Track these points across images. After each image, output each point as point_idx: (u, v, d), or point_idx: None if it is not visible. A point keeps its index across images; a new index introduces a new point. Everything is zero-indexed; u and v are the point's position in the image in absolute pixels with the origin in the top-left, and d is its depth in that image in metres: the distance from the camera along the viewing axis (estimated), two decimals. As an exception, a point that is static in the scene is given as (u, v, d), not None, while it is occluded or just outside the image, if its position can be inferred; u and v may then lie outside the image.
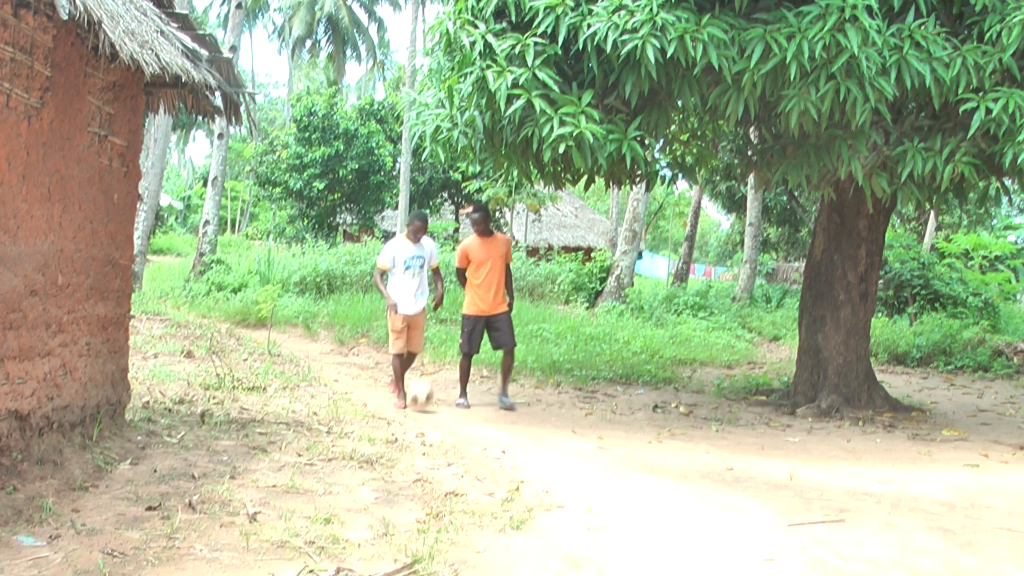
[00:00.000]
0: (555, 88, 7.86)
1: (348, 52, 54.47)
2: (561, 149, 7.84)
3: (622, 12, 7.55)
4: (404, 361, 9.58)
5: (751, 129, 11.25)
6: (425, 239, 9.49)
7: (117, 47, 5.07)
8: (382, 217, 33.04)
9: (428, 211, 32.76)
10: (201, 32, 6.93)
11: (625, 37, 7.49)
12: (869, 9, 7.38)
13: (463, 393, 9.70)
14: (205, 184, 31.37)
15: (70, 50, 5.45)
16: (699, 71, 7.72)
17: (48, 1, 4.75)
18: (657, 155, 10.62)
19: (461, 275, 9.72)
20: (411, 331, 9.43)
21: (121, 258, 6.49)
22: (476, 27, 8.09)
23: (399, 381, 9.47)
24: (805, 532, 5.30)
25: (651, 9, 7.44)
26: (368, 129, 29.93)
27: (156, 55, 5.61)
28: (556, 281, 21.81)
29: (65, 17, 4.48)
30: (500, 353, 9.96)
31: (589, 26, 7.67)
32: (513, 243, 29.10)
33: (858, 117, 7.65)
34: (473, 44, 8.00)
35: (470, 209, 9.75)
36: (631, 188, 19.61)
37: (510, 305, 9.75)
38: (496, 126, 8.61)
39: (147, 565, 3.99)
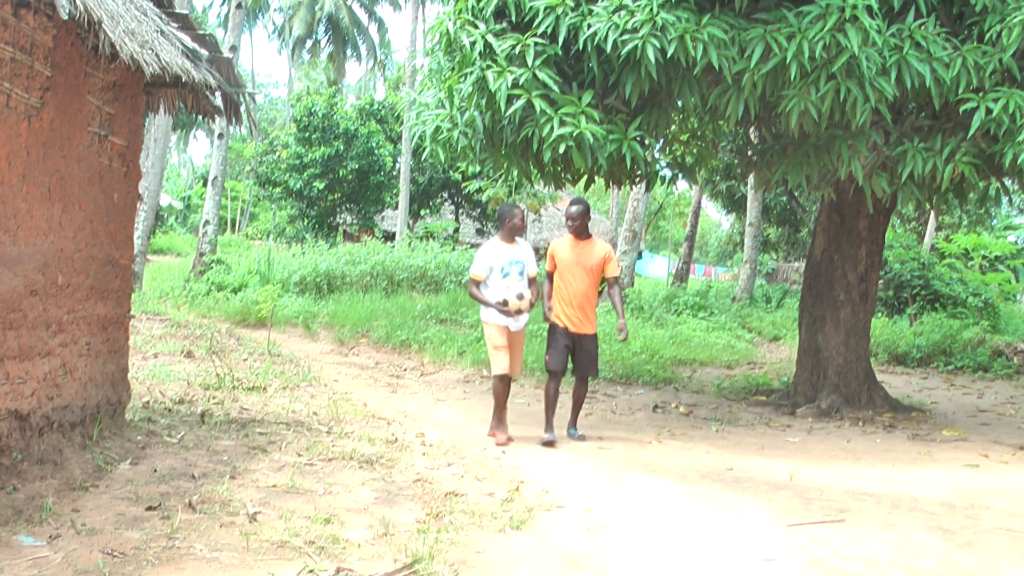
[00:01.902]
0: (555, 88, 7.86)
1: (348, 52, 54.46)
2: (561, 149, 7.85)
3: (622, 12, 7.55)
4: (507, 386, 7.86)
5: (751, 129, 11.25)
6: (522, 241, 7.87)
7: (117, 47, 5.07)
8: (382, 217, 33.06)
9: (428, 211, 32.69)
10: (201, 32, 6.93)
11: (625, 37, 7.49)
12: (869, 9, 7.38)
13: (549, 425, 7.89)
14: (205, 184, 31.38)
15: (70, 50, 5.45)
16: (699, 71, 7.73)
17: (48, 1, 4.75)
18: (657, 155, 10.63)
19: (550, 279, 8.08)
20: (511, 353, 7.74)
21: (121, 258, 6.49)
22: (476, 27, 8.10)
23: (500, 410, 7.83)
24: (805, 532, 5.30)
25: (651, 9, 7.45)
26: (368, 129, 29.95)
27: (156, 55, 5.61)
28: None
29: (65, 17, 4.48)
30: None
31: (589, 26, 7.67)
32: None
33: (858, 117, 7.65)
34: (473, 44, 8.00)
35: (568, 202, 8.06)
36: (631, 188, 19.60)
37: (624, 332, 8.02)
38: (496, 126, 8.62)
39: (147, 565, 3.99)
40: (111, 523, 4.53)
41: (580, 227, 7.94)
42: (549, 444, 7.70)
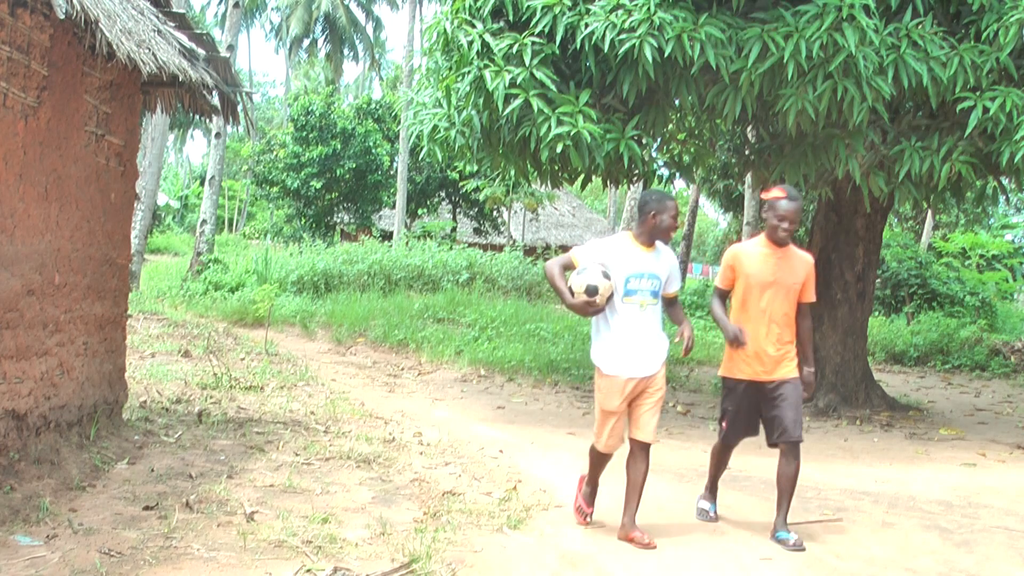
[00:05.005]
0: (553, 87, 7.86)
1: (346, 51, 54.46)
2: (559, 148, 7.85)
3: (620, 11, 7.56)
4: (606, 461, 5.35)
5: (748, 128, 11.26)
6: (665, 248, 5.22)
7: (114, 46, 5.06)
8: (379, 216, 33.04)
9: (425, 210, 32.60)
10: (198, 31, 6.92)
11: (623, 36, 7.50)
12: (866, 8, 7.39)
13: (711, 493, 5.72)
14: (202, 183, 31.39)
15: (67, 49, 5.44)
16: (696, 70, 7.74)
17: (45, 0, 4.74)
18: (654, 154, 10.62)
19: (721, 301, 5.55)
20: (635, 407, 5.11)
21: (118, 257, 6.49)
22: (474, 26, 8.10)
23: (592, 481, 5.38)
24: (802, 531, 5.30)
25: (649, 8, 7.45)
26: (365, 128, 29.93)
27: (153, 54, 5.60)
28: (553, 280, 21.74)
29: (62, 16, 4.47)
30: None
31: (587, 25, 7.68)
32: (510, 242, 29.02)
33: (855, 116, 7.66)
34: (471, 43, 8.00)
35: (777, 192, 5.31)
36: (628, 187, 19.61)
37: (811, 387, 5.49)
38: (494, 125, 8.61)
39: (144, 565, 3.99)
40: (108, 523, 4.52)
41: (784, 232, 5.25)
42: (706, 516, 5.57)
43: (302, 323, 15.40)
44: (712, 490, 5.72)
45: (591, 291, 4.92)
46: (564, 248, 30.45)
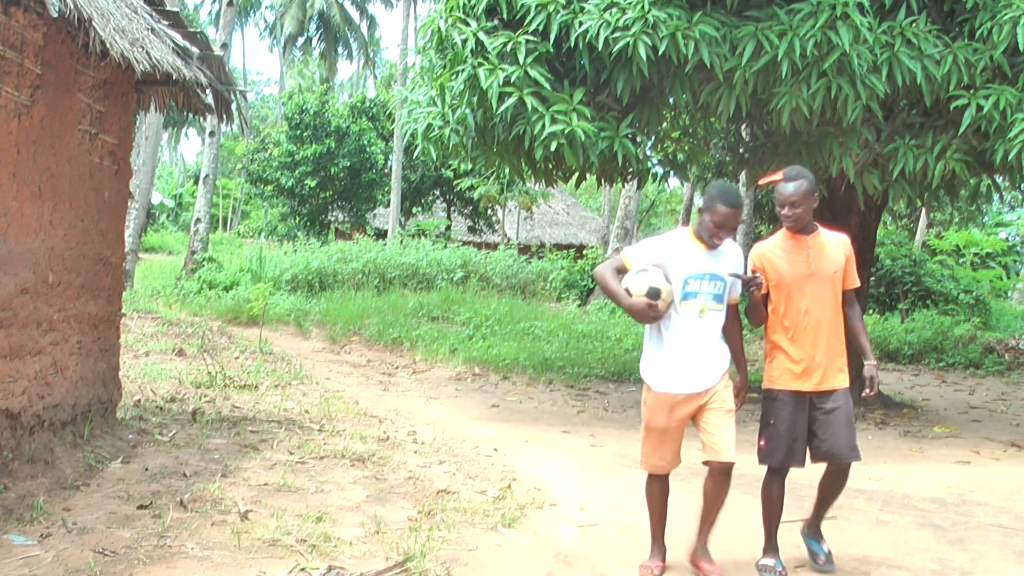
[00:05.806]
0: (547, 86, 7.86)
1: (340, 50, 54.40)
2: (553, 147, 7.85)
3: (614, 10, 7.57)
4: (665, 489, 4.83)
5: (743, 126, 11.27)
6: (730, 246, 4.63)
7: (107, 45, 5.05)
8: (374, 215, 33.01)
9: (419, 209, 32.57)
10: (192, 30, 6.90)
11: (617, 35, 7.50)
12: (860, 7, 7.41)
13: (771, 544, 4.81)
14: (197, 182, 31.27)
15: (60, 48, 5.43)
16: (691, 68, 7.75)
17: (38, -2, 4.73)
18: (649, 152, 10.63)
19: (757, 310, 4.85)
20: (702, 428, 4.72)
21: (112, 256, 6.47)
22: (468, 25, 8.10)
23: (656, 524, 4.76)
24: (797, 530, 5.31)
25: (643, 7, 7.46)
26: (360, 127, 29.92)
27: (147, 53, 5.58)
28: (548, 279, 21.82)
29: (55, 15, 4.46)
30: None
31: (581, 24, 7.68)
32: (504, 241, 29.02)
33: (849, 114, 7.68)
34: (465, 42, 8.00)
35: (778, 176, 4.72)
36: (623, 185, 19.60)
37: (874, 384, 4.73)
38: (488, 124, 8.61)
39: (138, 564, 3.99)
40: (102, 522, 4.52)
41: (801, 218, 4.60)
42: (772, 572, 4.68)
43: (296, 322, 15.39)
44: (771, 542, 4.79)
45: (653, 294, 4.37)
46: (558, 246, 30.53)
